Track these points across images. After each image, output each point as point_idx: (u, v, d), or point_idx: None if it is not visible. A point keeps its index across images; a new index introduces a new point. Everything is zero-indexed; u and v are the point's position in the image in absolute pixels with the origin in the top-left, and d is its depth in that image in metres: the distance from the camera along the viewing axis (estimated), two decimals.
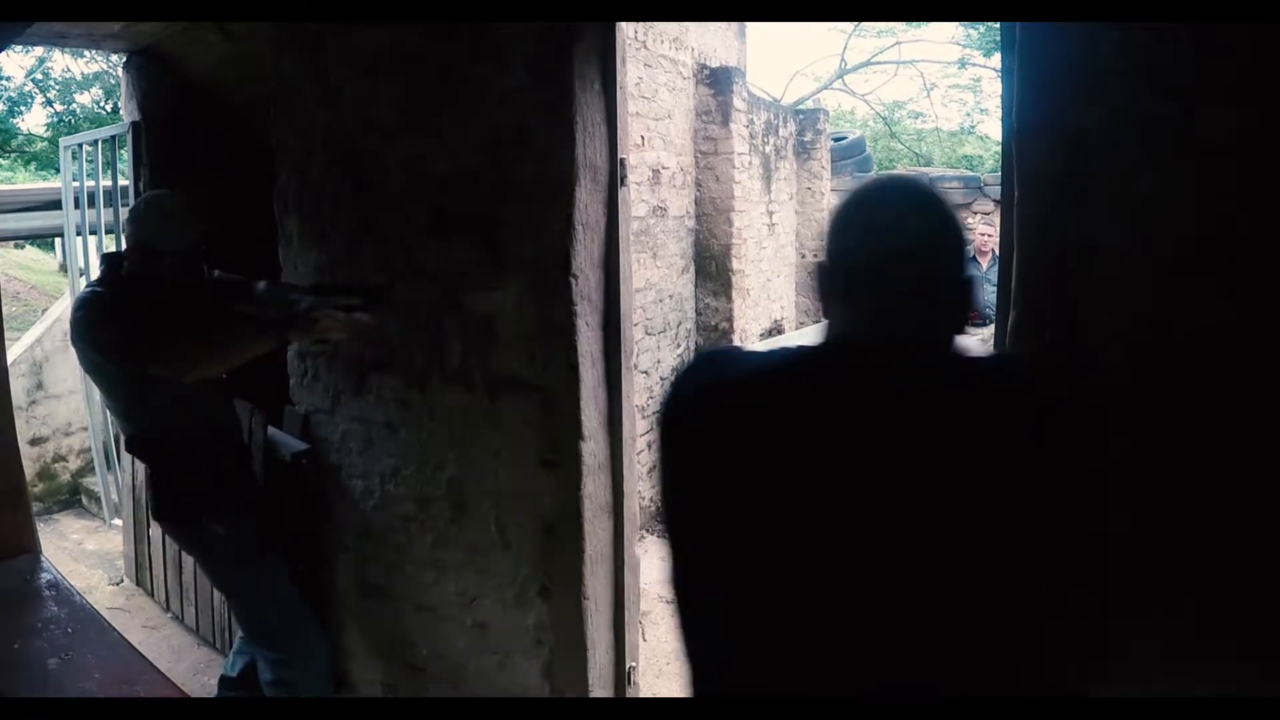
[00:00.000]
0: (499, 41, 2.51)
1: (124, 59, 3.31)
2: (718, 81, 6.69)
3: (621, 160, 2.64)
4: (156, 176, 3.27)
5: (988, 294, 7.86)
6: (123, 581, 4.78)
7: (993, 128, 19.80)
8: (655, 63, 6.08)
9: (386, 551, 3.07)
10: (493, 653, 2.92)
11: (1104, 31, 1.73)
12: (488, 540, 2.86)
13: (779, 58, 41.00)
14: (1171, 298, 1.73)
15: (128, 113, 3.30)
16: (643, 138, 5.93)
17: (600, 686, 2.80)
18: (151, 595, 4.58)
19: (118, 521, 5.34)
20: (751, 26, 8.37)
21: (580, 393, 2.62)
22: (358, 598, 3.18)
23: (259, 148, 3.00)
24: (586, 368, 2.64)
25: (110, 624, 1.54)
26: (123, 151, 3.57)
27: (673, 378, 1.22)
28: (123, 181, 3.81)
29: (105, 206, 4.09)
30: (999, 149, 12.50)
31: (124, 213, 3.68)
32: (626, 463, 2.83)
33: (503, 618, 2.87)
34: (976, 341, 8.23)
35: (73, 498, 6.59)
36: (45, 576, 1.78)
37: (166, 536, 4.10)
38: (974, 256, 8.18)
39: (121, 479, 5.07)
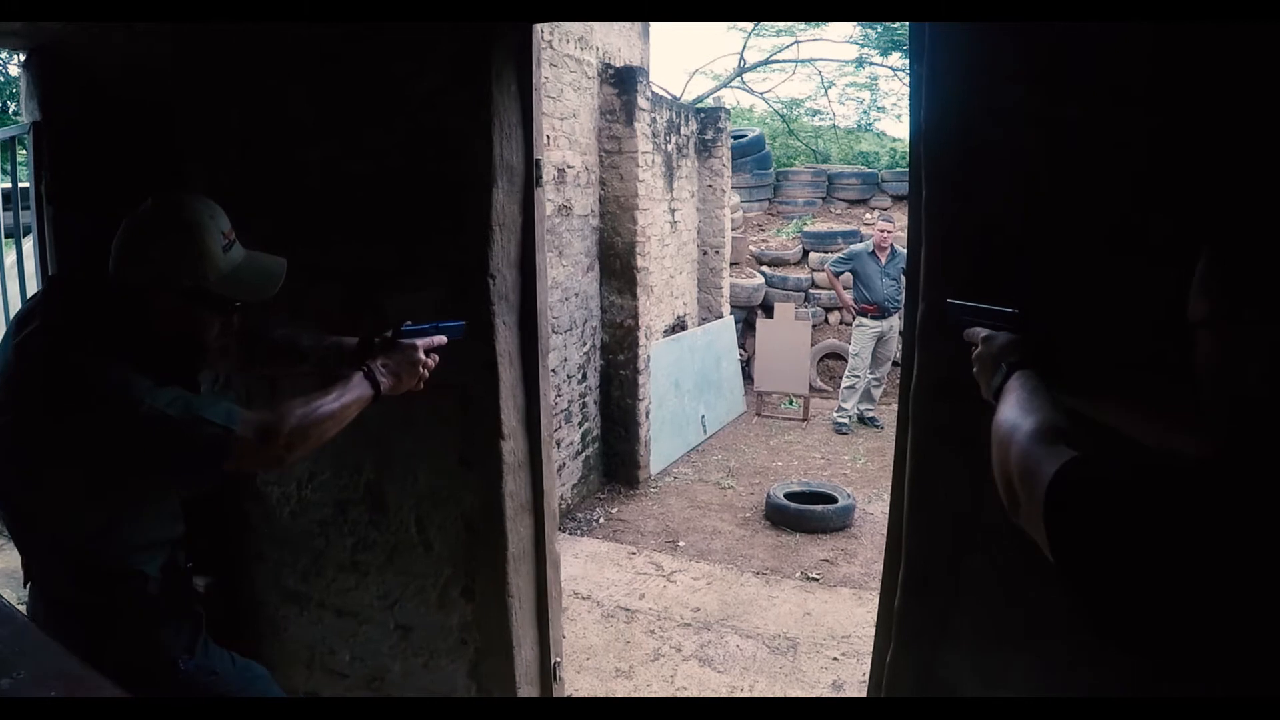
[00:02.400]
0: (417, 43, 2.51)
1: (22, 57, 3.20)
2: (622, 81, 6.74)
3: (537, 161, 2.67)
4: (60, 179, 3.16)
5: (887, 288, 8.12)
6: None
7: (889, 125, 20.34)
8: (561, 62, 6.10)
9: (304, 557, 3.03)
10: (416, 654, 2.91)
11: (1006, 39, 1.83)
12: (408, 542, 2.85)
13: (679, 56, 41.34)
14: (1075, 291, 1.84)
15: (28, 113, 3.18)
16: (548, 137, 5.95)
17: (527, 683, 2.83)
18: None
19: None
20: (655, 26, 8.44)
21: (499, 391, 2.64)
22: (276, 605, 3.13)
23: (169, 149, 2.93)
24: (505, 366, 2.66)
25: (56, 643, 1.49)
26: (23, 152, 3.45)
27: None
28: (23, 184, 3.68)
29: (4, 210, 3.93)
30: (895, 145, 12.81)
31: (25, 216, 3.51)
32: (546, 460, 2.86)
33: (426, 619, 2.87)
34: (870, 331, 8.47)
35: None
36: None
37: None
38: (873, 251, 8.39)
39: None
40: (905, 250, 2.44)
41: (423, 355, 2.14)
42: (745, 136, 13.03)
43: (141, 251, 1.86)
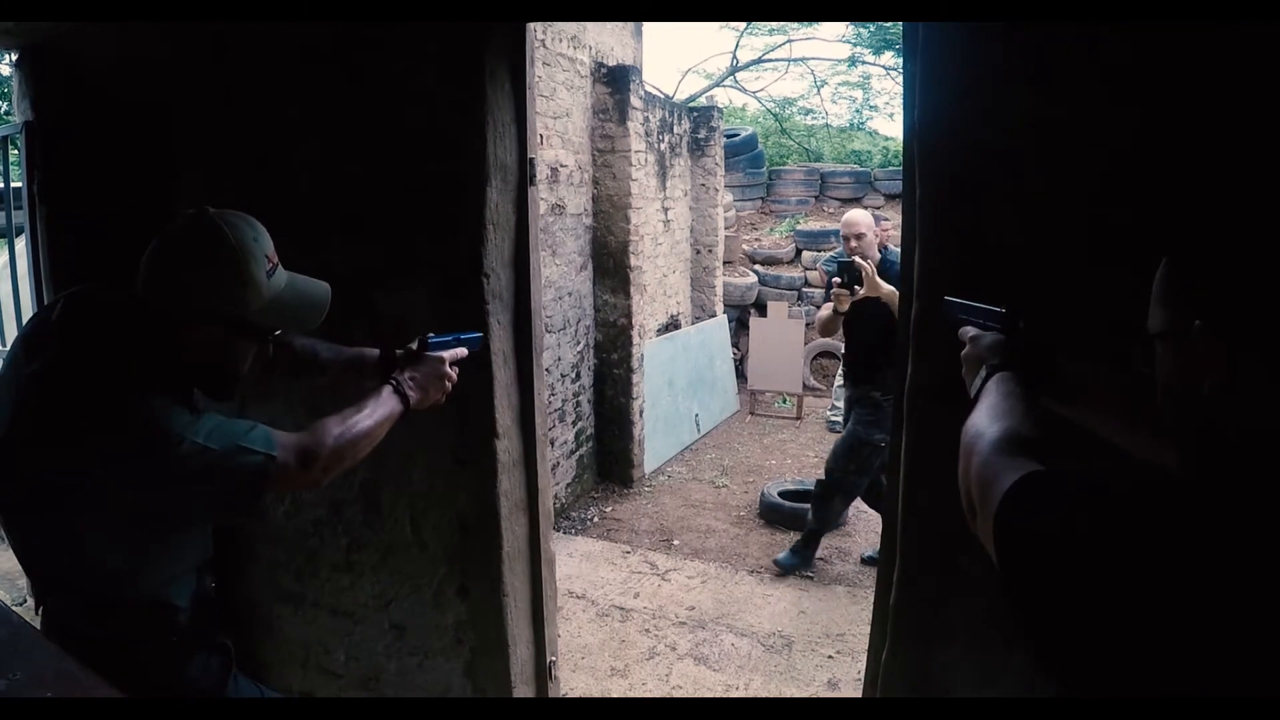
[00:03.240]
0: (411, 43, 2.51)
1: (14, 56, 3.19)
2: (615, 80, 6.74)
3: (531, 160, 2.67)
4: (53, 179, 3.15)
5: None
6: (25, 602, 4.58)
7: (882, 123, 20.33)
8: (554, 61, 6.10)
9: (299, 557, 3.03)
10: (411, 654, 2.91)
11: (999, 39, 1.83)
12: (403, 541, 2.85)
13: (672, 55, 41.38)
14: (1066, 287, 1.84)
15: (20, 112, 3.17)
16: (541, 136, 5.94)
17: (522, 683, 2.83)
18: None
19: None
20: (648, 25, 8.43)
21: (493, 390, 2.63)
22: (270, 605, 3.12)
23: (161, 148, 2.92)
24: (499, 365, 2.66)
25: (56, 645, 1.47)
26: (15, 152, 3.43)
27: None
28: (15, 184, 3.67)
29: None
30: (888, 144, 12.79)
31: (18, 216, 3.50)
32: (540, 459, 2.86)
33: (421, 618, 2.87)
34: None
35: None
36: None
37: None
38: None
39: None
40: (898, 249, 2.45)
41: (448, 368, 2.10)
42: (738, 135, 13.04)
43: (177, 276, 1.69)
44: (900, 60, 2.25)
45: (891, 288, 4.45)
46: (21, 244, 3.69)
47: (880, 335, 4.63)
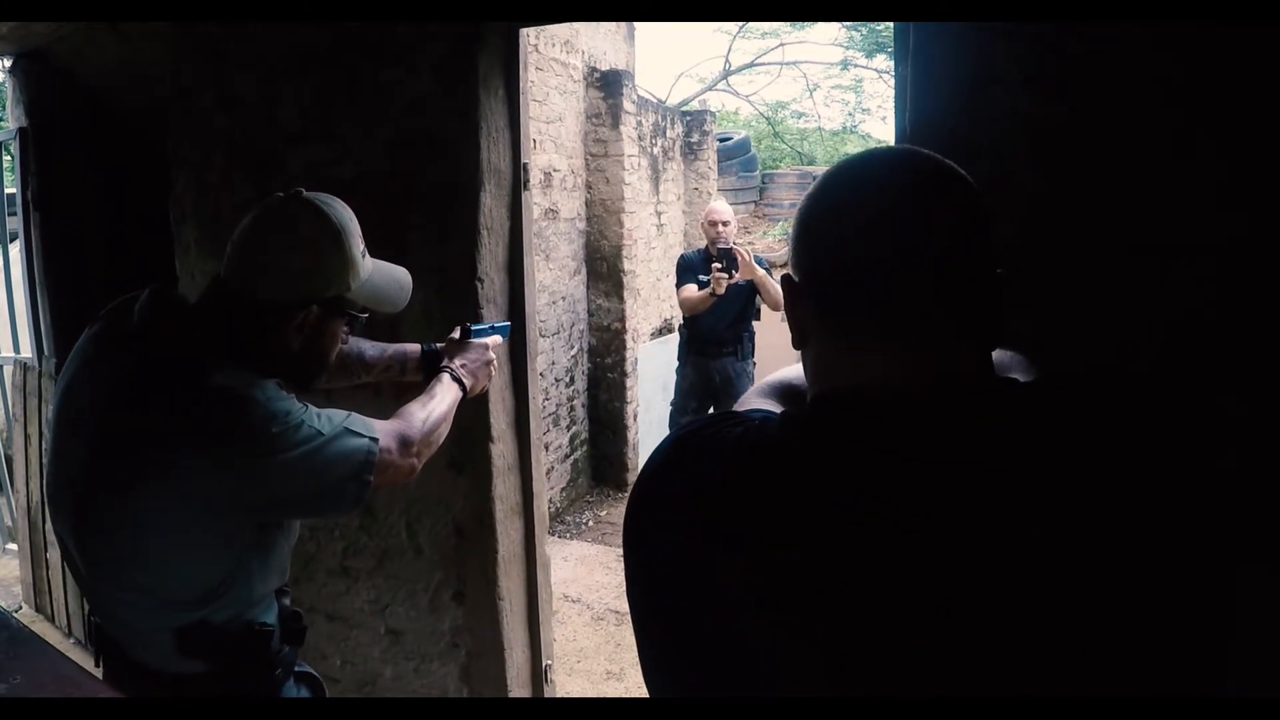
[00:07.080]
0: (404, 46, 2.52)
1: (9, 62, 3.20)
2: (608, 84, 6.74)
3: (524, 164, 2.68)
4: (47, 185, 3.16)
5: None
6: (21, 609, 4.57)
7: (874, 126, 20.37)
8: (546, 66, 6.10)
9: (294, 563, 3.00)
10: (407, 659, 2.91)
11: (993, 40, 1.84)
12: (398, 546, 2.85)
13: (664, 59, 41.46)
14: (1059, 296, 1.85)
15: (14, 118, 3.18)
16: (535, 141, 5.95)
17: (518, 686, 2.83)
18: (53, 621, 4.39)
19: (12, 546, 5.08)
20: (640, 29, 8.44)
21: (488, 395, 2.63)
22: None
23: (155, 154, 2.93)
24: (494, 370, 2.66)
25: (55, 647, 1.45)
26: (8, 158, 3.43)
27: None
28: (9, 190, 3.67)
29: None
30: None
31: (12, 222, 3.50)
32: (535, 463, 2.86)
33: (417, 623, 2.87)
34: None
35: None
36: None
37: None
38: None
39: (15, 501, 4.82)
40: None
41: (493, 355, 2.17)
42: (731, 139, 13.04)
43: (283, 259, 1.63)
44: (892, 63, 2.27)
45: (764, 271, 5.36)
46: (15, 250, 3.69)
47: (740, 311, 5.64)
